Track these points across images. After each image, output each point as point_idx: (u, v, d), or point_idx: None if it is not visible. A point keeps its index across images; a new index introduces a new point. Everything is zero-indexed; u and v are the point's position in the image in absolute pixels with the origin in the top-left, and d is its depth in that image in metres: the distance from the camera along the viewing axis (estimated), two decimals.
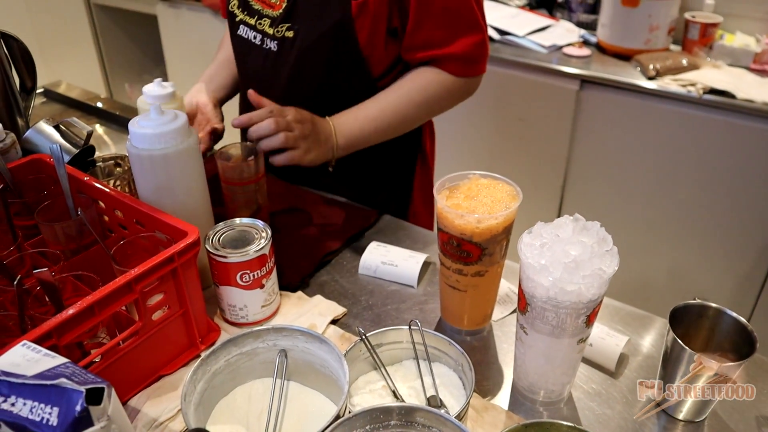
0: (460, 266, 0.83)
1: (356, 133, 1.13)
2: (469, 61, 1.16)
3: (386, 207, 1.25)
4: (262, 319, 0.93)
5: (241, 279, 0.87)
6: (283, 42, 1.14)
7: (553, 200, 2.25)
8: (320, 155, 1.09)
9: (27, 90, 1.34)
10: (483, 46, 1.17)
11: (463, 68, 1.17)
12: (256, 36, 1.18)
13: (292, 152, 1.04)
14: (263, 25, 1.16)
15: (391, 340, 0.79)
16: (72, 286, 0.83)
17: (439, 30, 1.12)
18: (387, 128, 1.17)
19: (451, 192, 0.84)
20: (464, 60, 1.16)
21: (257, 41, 1.19)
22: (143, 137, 0.86)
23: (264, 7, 1.15)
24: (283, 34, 1.13)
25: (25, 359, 0.59)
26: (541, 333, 0.72)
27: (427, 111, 1.22)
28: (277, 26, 1.14)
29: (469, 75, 1.19)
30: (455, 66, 1.16)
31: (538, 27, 2.29)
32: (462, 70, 1.17)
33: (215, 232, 0.90)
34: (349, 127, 1.13)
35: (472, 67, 1.18)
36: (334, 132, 1.11)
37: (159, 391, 0.82)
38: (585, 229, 0.72)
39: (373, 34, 1.11)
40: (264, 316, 0.93)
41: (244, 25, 1.20)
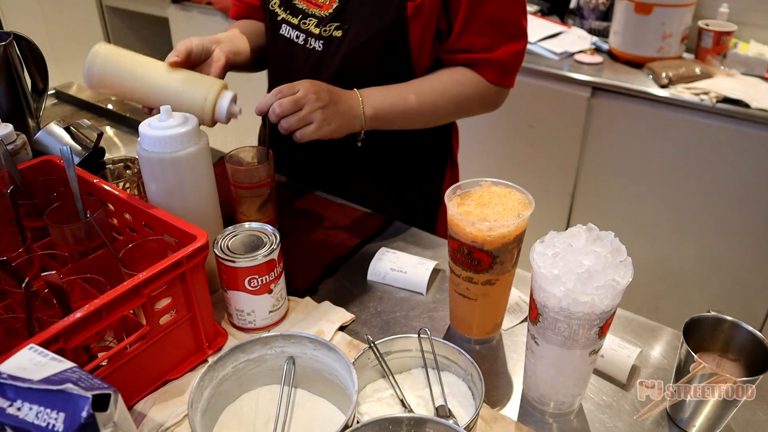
0: (470, 274, 0.82)
1: (386, 107, 1.09)
2: (506, 69, 1.15)
3: (418, 212, 1.23)
4: (270, 325, 0.92)
5: (249, 284, 0.87)
6: (329, 42, 1.13)
7: (563, 208, 2.24)
8: (343, 125, 1.04)
9: (38, 91, 1.34)
10: (521, 55, 1.15)
11: (499, 76, 1.15)
12: (299, 35, 1.16)
13: (308, 126, 1.00)
14: (308, 24, 1.14)
15: (400, 348, 0.78)
16: (80, 288, 0.82)
17: (484, 37, 1.10)
18: (416, 114, 1.14)
19: (462, 199, 0.83)
20: (502, 67, 1.14)
21: (300, 41, 1.16)
22: (153, 140, 0.86)
23: (310, 6, 1.14)
24: (330, 34, 1.12)
25: (31, 363, 0.59)
26: (553, 344, 0.71)
27: (457, 108, 1.18)
28: (325, 26, 1.12)
29: (503, 84, 1.17)
30: (493, 72, 1.14)
31: (549, 33, 2.28)
32: (498, 78, 1.15)
33: (224, 236, 0.90)
34: (379, 99, 1.09)
35: (507, 77, 1.16)
36: (361, 101, 1.06)
37: (165, 395, 0.81)
38: (599, 239, 0.71)
39: (424, 36, 1.10)
40: (272, 322, 0.92)
41: (287, 24, 1.17)
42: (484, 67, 1.14)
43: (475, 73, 1.14)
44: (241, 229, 0.91)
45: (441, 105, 1.15)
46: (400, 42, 1.09)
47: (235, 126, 1.51)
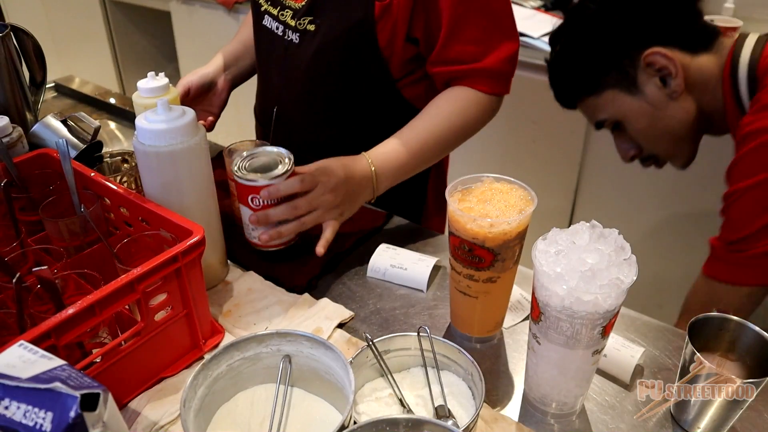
0: (471, 271, 0.80)
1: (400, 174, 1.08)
2: (500, 77, 1.11)
3: (400, 208, 1.22)
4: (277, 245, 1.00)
5: None
6: (304, 34, 1.12)
7: (565, 204, 2.22)
8: (356, 206, 1.04)
9: (37, 84, 1.33)
10: (515, 60, 1.11)
11: (494, 85, 1.11)
12: (279, 27, 1.17)
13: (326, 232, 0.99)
14: (285, 16, 1.14)
15: (399, 346, 0.77)
16: (74, 284, 0.81)
17: (472, 45, 1.07)
18: (428, 159, 1.13)
19: (463, 195, 0.82)
20: (496, 76, 1.11)
21: (279, 32, 1.17)
22: (150, 133, 0.84)
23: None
24: (305, 27, 1.11)
25: (21, 360, 0.58)
26: (555, 343, 0.70)
27: (465, 134, 1.15)
28: (299, 18, 1.12)
29: (499, 93, 1.13)
30: (487, 83, 1.10)
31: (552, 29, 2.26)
32: (493, 87, 1.11)
33: (242, 158, 0.97)
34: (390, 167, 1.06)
35: (503, 84, 1.13)
36: (374, 176, 1.03)
37: (160, 393, 0.80)
38: (602, 236, 0.69)
39: (393, 38, 1.08)
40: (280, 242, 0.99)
41: (268, 15, 1.18)
42: (476, 78, 1.10)
43: (471, 90, 1.11)
44: (256, 153, 0.99)
45: (450, 140, 1.13)
46: (369, 41, 1.08)
47: (235, 120, 1.50)
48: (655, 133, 1.17)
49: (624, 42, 1.11)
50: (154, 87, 1.03)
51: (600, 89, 1.17)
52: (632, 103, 1.14)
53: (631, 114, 1.16)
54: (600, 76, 1.15)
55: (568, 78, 1.23)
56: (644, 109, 1.14)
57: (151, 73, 1.06)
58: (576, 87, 1.22)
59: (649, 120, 1.15)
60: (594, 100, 1.19)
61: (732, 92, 1.07)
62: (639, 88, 1.13)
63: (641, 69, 1.11)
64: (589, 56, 1.16)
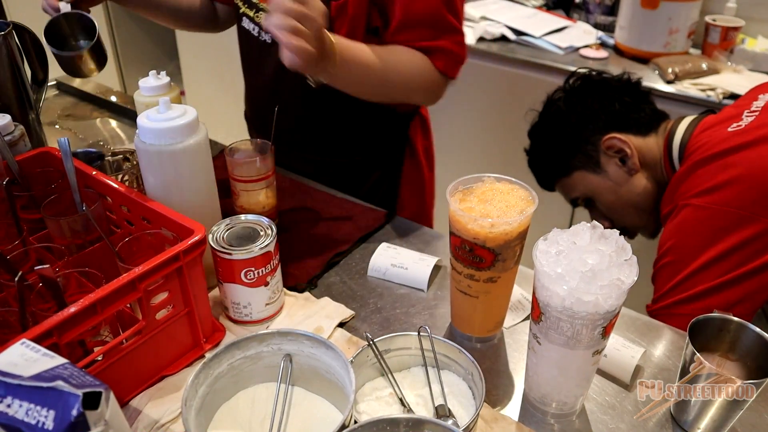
0: (472, 271, 0.81)
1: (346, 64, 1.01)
2: (454, 59, 1.15)
3: (373, 196, 1.27)
4: (267, 317, 0.91)
5: (246, 276, 0.86)
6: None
7: (566, 204, 2.21)
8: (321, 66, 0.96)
9: (38, 82, 1.33)
10: (464, 46, 1.16)
11: (448, 65, 1.14)
12: (255, 28, 1.21)
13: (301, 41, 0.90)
14: (260, 18, 1.18)
15: (400, 346, 0.77)
16: (76, 282, 0.81)
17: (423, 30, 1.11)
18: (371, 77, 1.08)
19: (464, 195, 0.82)
20: (451, 56, 1.14)
21: (255, 33, 1.22)
22: (151, 132, 0.85)
23: (261, 1, 1.18)
24: None
25: (23, 359, 0.58)
26: (555, 344, 0.70)
27: (405, 88, 1.16)
28: None
29: (449, 74, 1.16)
30: (442, 60, 1.13)
31: (554, 28, 2.26)
32: (447, 67, 1.14)
33: (220, 228, 0.89)
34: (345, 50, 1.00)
35: (454, 67, 1.16)
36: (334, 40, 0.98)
37: (161, 392, 0.80)
38: (603, 237, 0.69)
39: (351, 34, 1.08)
40: (268, 314, 0.91)
41: (246, 17, 1.23)
42: (433, 54, 1.13)
43: (427, 59, 1.13)
44: (237, 221, 0.90)
45: (393, 79, 1.12)
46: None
47: (236, 119, 1.50)
48: (620, 205, 1.35)
49: (586, 130, 1.32)
50: (156, 85, 1.04)
51: (570, 171, 1.38)
52: (598, 180, 1.34)
53: (598, 190, 1.36)
54: (569, 160, 1.36)
55: (544, 164, 1.45)
56: (608, 186, 1.34)
57: (153, 71, 1.06)
58: (550, 170, 1.43)
59: (614, 195, 1.34)
60: (566, 180, 1.40)
61: (670, 168, 1.26)
62: (602, 167, 1.33)
63: (602, 152, 1.31)
64: (559, 144, 1.38)
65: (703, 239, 1.07)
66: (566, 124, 1.35)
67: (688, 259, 1.09)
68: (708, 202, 1.07)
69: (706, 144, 1.15)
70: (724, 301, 1.05)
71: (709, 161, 1.11)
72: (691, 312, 1.04)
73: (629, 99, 1.31)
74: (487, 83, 2.24)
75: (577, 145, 1.33)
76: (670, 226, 1.13)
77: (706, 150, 1.13)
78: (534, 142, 1.46)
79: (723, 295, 1.05)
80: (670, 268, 1.12)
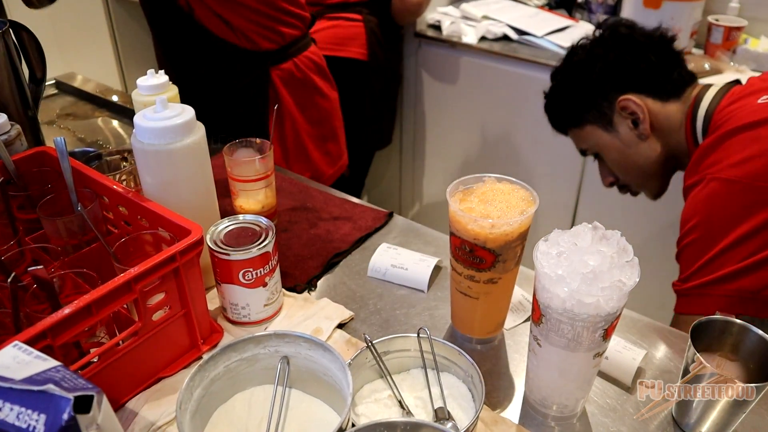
0: (472, 272, 0.80)
1: None
2: None
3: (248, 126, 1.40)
4: (265, 318, 0.90)
5: (244, 277, 0.85)
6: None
7: (568, 204, 2.21)
8: None
9: (36, 81, 1.32)
10: None
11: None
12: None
13: None
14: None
15: (399, 347, 0.76)
16: (72, 283, 0.80)
17: None
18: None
19: (464, 195, 0.81)
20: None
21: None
22: (148, 131, 0.84)
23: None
24: None
25: (15, 361, 0.57)
26: (556, 346, 0.69)
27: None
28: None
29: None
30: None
31: (556, 27, 2.24)
32: None
33: (217, 228, 0.88)
34: None
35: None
36: None
37: (158, 393, 0.79)
38: (604, 238, 0.68)
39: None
40: (267, 315, 0.90)
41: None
42: None
43: None
44: (235, 222, 0.89)
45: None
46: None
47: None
48: (626, 167, 1.34)
49: (604, 86, 1.28)
50: (154, 84, 1.03)
51: (582, 123, 1.35)
52: (607, 138, 1.32)
53: (606, 148, 1.34)
54: (582, 113, 1.34)
55: (558, 110, 1.42)
56: (617, 146, 1.32)
57: (151, 70, 1.06)
58: (563, 118, 1.41)
59: (621, 155, 1.32)
60: (577, 131, 1.38)
61: (692, 139, 1.22)
62: (614, 126, 1.30)
63: (616, 111, 1.27)
64: (575, 94, 1.34)
65: (733, 215, 1.02)
66: (585, 78, 1.30)
67: (717, 237, 1.04)
68: (738, 175, 1.02)
69: (735, 116, 1.10)
70: (756, 281, 1.00)
71: (739, 132, 1.06)
72: (723, 293, 1.00)
73: (656, 59, 1.24)
74: (488, 83, 2.23)
75: (593, 100, 1.30)
76: (696, 200, 1.08)
77: (736, 121, 1.08)
78: (552, 87, 1.42)
79: (755, 276, 1.00)
80: (698, 245, 1.07)
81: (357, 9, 2.08)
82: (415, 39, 2.33)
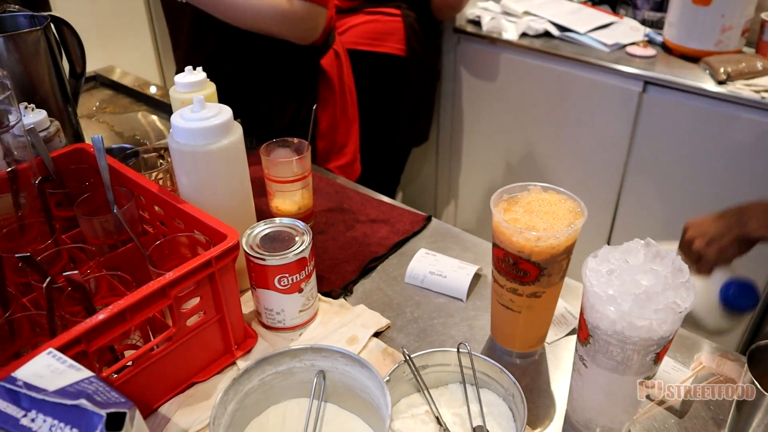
0: (515, 285, 0.77)
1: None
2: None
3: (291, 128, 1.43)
4: (300, 324, 0.88)
5: (279, 282, 0.83)
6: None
7: (607, 208, 2.14)
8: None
9: (76, 76, 1.32)
10: None
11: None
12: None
13: None
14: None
15: (438, 362, 0.74)
16: (107, 285, 0.80)
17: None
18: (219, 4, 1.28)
19: (509, 205, 0.78)
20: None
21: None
22: (185, 132, 0.82)
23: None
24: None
25: (49, 370, 0.56)
26: (603, 368, 0.66)
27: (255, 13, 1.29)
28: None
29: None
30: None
31: (600, 24, 2.19)
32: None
33: (254, 232, 0.86)
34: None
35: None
36: None
37: (191, 399, 0.78)
38: (658, 256, 0.65)
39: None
40: (302, 321, 0.88)
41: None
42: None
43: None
44: (272, 225, 0.88)
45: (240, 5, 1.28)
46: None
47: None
48: None
49: None
50: (192, 81, 1.02)
51: None
52: None
53: None
54: None
55: None
56: None
57: (189, 67, 1.04)
58: None
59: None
60: None
61: None
62: None
63: None
64: None
65: None
66: None
67: None
68: None
69: None
70: None
71: None
72: None
73: None
74: (529, 80, 2.19)
75: None
76: None
77: None
78: None
79: None
80: None
81: (396, 4, 2.04)
82: (454, 34, 2.29)
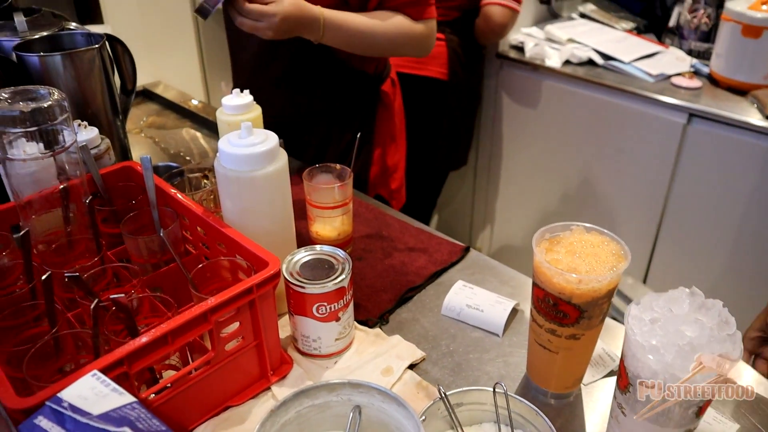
0: (554, 326, 0.76)
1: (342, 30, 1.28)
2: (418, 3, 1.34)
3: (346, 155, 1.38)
4: (335, 352, 0.89)
5: (317, 311, 0.84)
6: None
7: (645, 241, 2.11)
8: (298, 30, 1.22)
9: (127, 92, 1.36)
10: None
11: (419, 11, 1.34)
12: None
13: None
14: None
15: (473, 400, 0.73)
16: (150, 305, 0.81)
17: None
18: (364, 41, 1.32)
19: (551, 245, 0.77)
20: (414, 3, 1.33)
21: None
22: (232, 158, 0.84)
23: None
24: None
25: (93, 392, 0.58)
26: None
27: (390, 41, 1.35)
28: None
29: (425, 17, 1.36)
30: (412, 10, 1.34)
31: (645, 53, 2.17)
32: (418, 13, 1.35)
33: (294, 258, 0.87)
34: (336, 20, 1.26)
35: (425, 8, 1.35)
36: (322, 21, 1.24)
37: (225, 423, 0.79)
38: (704, 306, 0.64)
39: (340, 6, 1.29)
40: (337, 349, 0.89)
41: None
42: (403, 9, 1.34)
43: (401, 15, 1.34)
44: (312, 252, 0.88)
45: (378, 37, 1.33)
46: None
47: None
48: None
49: None
50: (239, 104, 1.04)
51: None
52: None
53: None
54: None
55: None
56: None
57: (236, 90, 1.06)
58: None
59: None
60: None
61: None
62: None
63: None
64: None
65: None
66: None
67: None
68: None
69: None
70: None
71: None
72: None
73: None
74: (571, 108, 2.17)
75: None
76: None
77: None
78: None
79: None
80: None
81: (440, 28, 2.05)
82: (496, 60, 2.30)
